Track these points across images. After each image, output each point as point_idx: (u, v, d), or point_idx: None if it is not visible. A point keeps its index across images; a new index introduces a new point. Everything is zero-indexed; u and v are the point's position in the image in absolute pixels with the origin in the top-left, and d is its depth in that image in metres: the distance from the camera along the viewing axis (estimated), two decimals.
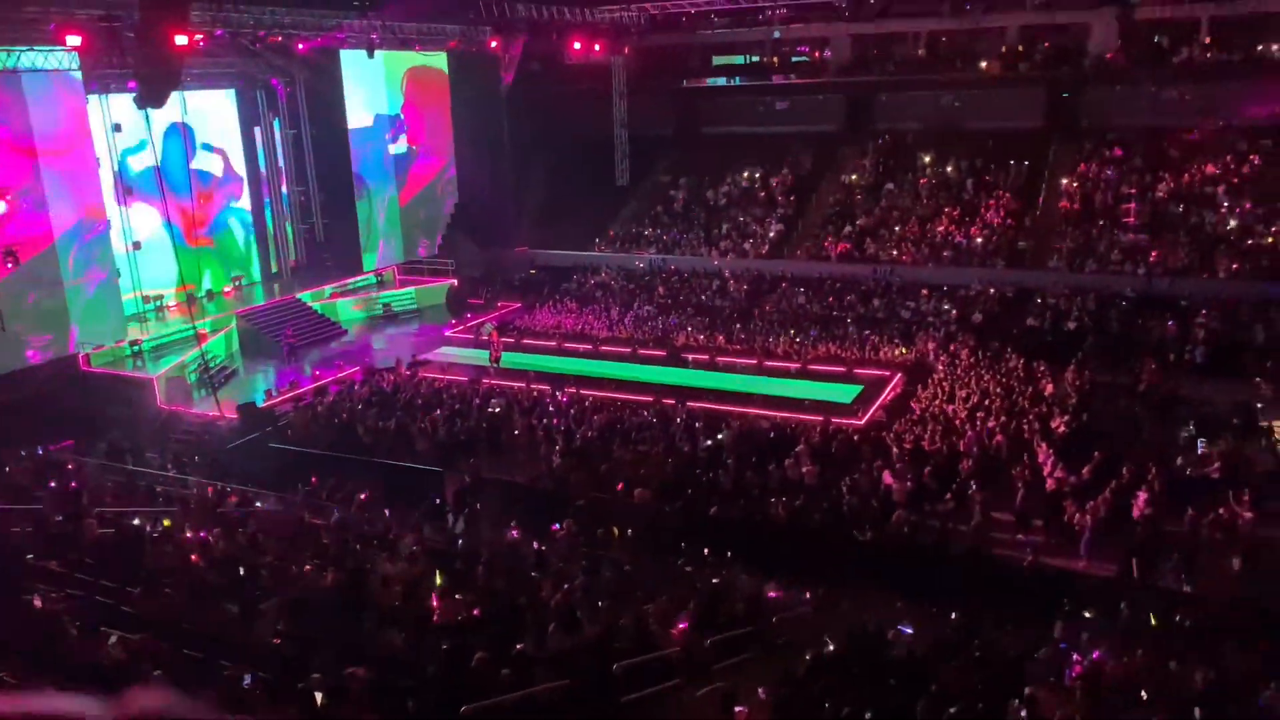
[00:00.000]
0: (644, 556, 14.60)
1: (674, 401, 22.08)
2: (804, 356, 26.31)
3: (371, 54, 30.21)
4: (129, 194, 27.49)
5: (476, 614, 10.84)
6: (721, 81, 40.20)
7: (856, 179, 35.07)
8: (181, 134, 30.36)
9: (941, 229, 31.45)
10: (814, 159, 36.77)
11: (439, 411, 21.58)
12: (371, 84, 33.45)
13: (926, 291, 29.14)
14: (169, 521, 14.21)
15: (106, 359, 25.82)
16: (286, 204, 34.87)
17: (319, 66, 32.10)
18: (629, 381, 24.91)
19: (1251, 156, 29.51)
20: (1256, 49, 31.63)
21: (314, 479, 17.87)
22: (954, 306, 28.17)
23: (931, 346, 25.91)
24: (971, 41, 36.09)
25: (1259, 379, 21.55)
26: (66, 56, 23.44)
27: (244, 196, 33.52)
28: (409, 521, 15.53)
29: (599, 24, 35.65)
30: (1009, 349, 24.69)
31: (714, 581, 13.51)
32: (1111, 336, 25.22)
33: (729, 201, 36.34)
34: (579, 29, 35.26)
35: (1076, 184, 31.28)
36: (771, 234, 34.01)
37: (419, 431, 20.73)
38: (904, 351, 25.99)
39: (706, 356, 27.18)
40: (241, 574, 11.92)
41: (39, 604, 10.01)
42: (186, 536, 13.40)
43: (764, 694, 9.22)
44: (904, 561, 14.65)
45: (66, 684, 7.99)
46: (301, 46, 29.37)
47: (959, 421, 19.98)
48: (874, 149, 35.83)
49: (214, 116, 31.99)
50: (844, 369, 25.33)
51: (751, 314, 30.11)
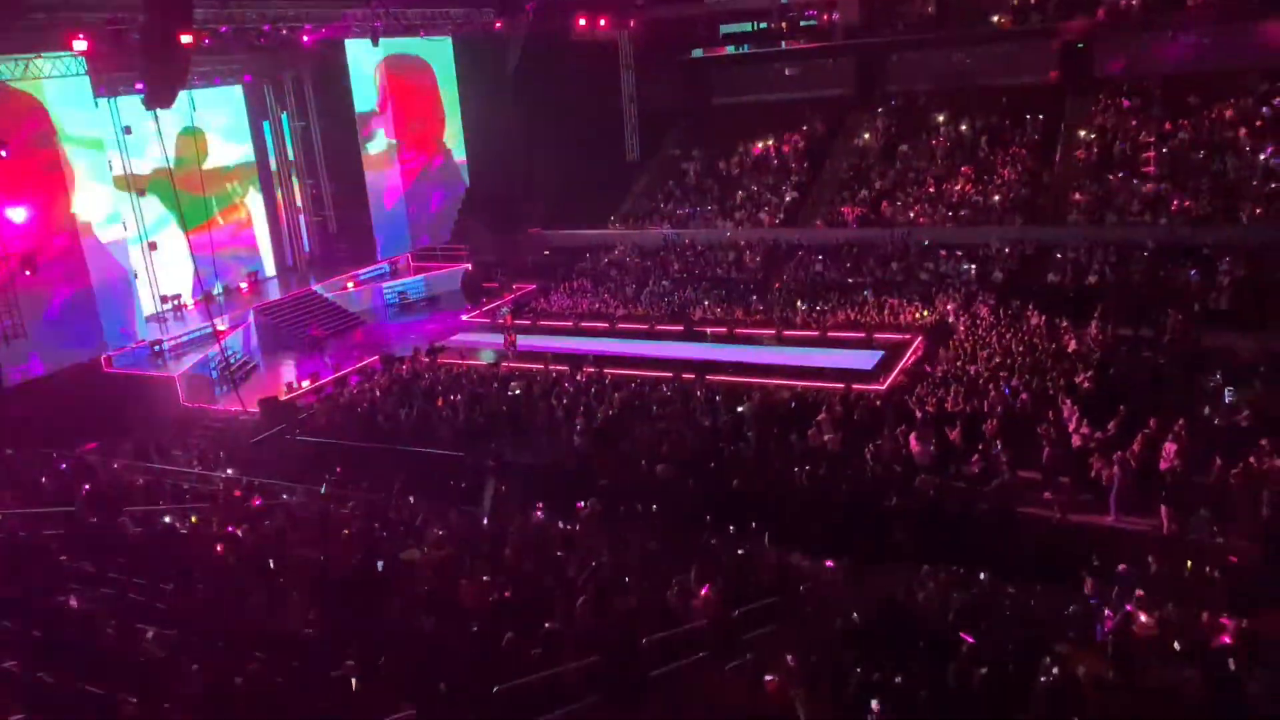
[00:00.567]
0: (669, 532, 14.62)
1: (693, 376, 22.03)
2: (823, 324, 26.15)
3: (376, 42, 30.13)
4: (142, 195, 27.61)
5: (505, 596, 10.90)
6: (730, 50, 39.77)
7: (869, 141, 34.68)
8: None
9: (958, 188, 31.09)
10: (826, 124, 36.38)
11: (458, 397, 21.65)
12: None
13: (945, 252, 28.84)
14: (196, 518, 14.37)
15: (128, 360, 26.09)
16: (298, 196, 34.97)
17: (325, 58, 32.08)
18: (647, 358, 24.88)
19: (1273, 99, 28.89)
20: None
21: (338, 469, 18.01)
22: (973, 266, 27.88)
23: (951, 307, 25.67)
24: None
25: None
26: (75, 62, 23.53)
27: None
28: (434, 507, 15.64)
29: None
30: (1030, 306, 24.41)
31: (739, 553, 13.52)
32: (1133, 289, 24.87)
33: (742, 171, 36.05)
34: (583, 5, 34.95)
35: (1094, 135, 30.78)
36: (787, 202, 33.75)
37: (440, 418, 20.82)
38: (924, 314, 25.76)
39: (724, 329, 27.09)
40: (270, 566, 12.05)
41: (75, 604, 10.16)
42: (214, 532, 13.54)
43: (793, 662, 9.22)
44: (930, 525, 14.58)
45: (106, 681, 8.13)
46: (306, 39, 29.34)
47: (982, 382, 19.81)
48: (886, 111, 35.40)
49: (222, 113, 32.06)
50: (864, 335, 25.16)
51: (769, 284, 29.93)
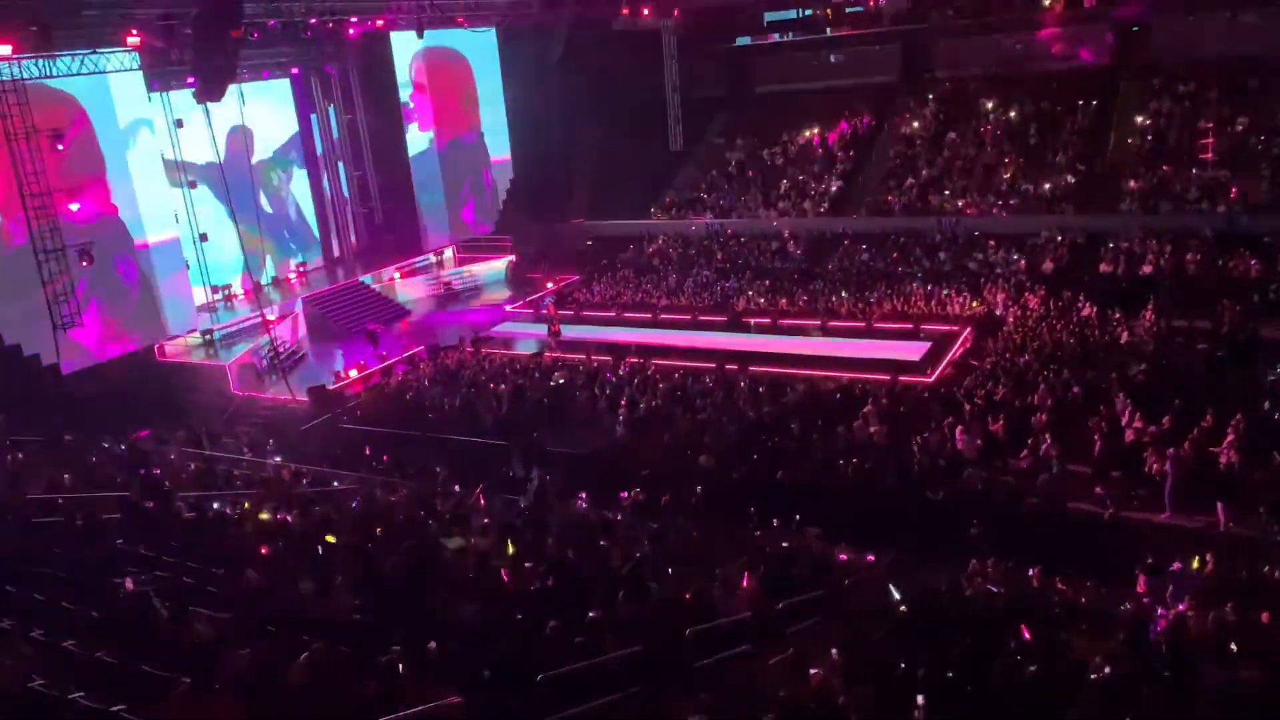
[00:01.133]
0: (712, 522, 14.59)
1: (736, 367, 21.94)
2: (869, 315, 25.88)
3: (421, 34, 30.30)
4: (193, 187, 28.08)
5: (549, 584, 10.95)
6: (775, 38, 39.41)
7: (918, 128, 34.20)
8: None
9: (1007, 176, 30.56)
10: (872, 112, 35.94)
11: (503, 387, 21.79)
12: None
13: (993, 242, 28.38)
14: (249, 504, 14.63)
15: (181, 349, 26.64)
16: (345, 188, 35.38)
17: (370, 50, 32.37)
18: (690, 349, 24.81)
19: None
20: None
21: (385, 457, 18.21)
22: (1023, 256, 27.40)
23: (1000, 298, 25.27)
24: None
25: None
26: (127, 57, 23.97)
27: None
28: (479, 495, 15.76)
29: None
30: (1081, 297, 23.95)
31: (783, 545, 13.44)
32: (1189, 279, 24.28)
33: (786, 160, 35.75)
34: None
35: (1149, 121, 30.06)
36: (832, 191, 33.42)
37: (484, 407, 20.97)
38: (974, 305, 25.39)
39: (768, 320, 26.92)
40: (319, 551, 12.23)
41: (130, 586, 10.38)
42: (264, 518, 13.77)
43: (837, 656, 9.14)
44: (978, 519, 14.37)
45: (159, 661, 8.30)
46: (352, 31, 29.62)
47: (1032, 374, 19.48)
48: (934, 98, 34.88)
49: (271, 106, 32.50)
50: (911, 325, 24.87)
51: (813, 274, 29.69)
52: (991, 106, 33.30)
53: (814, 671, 8.83)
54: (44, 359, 22.43)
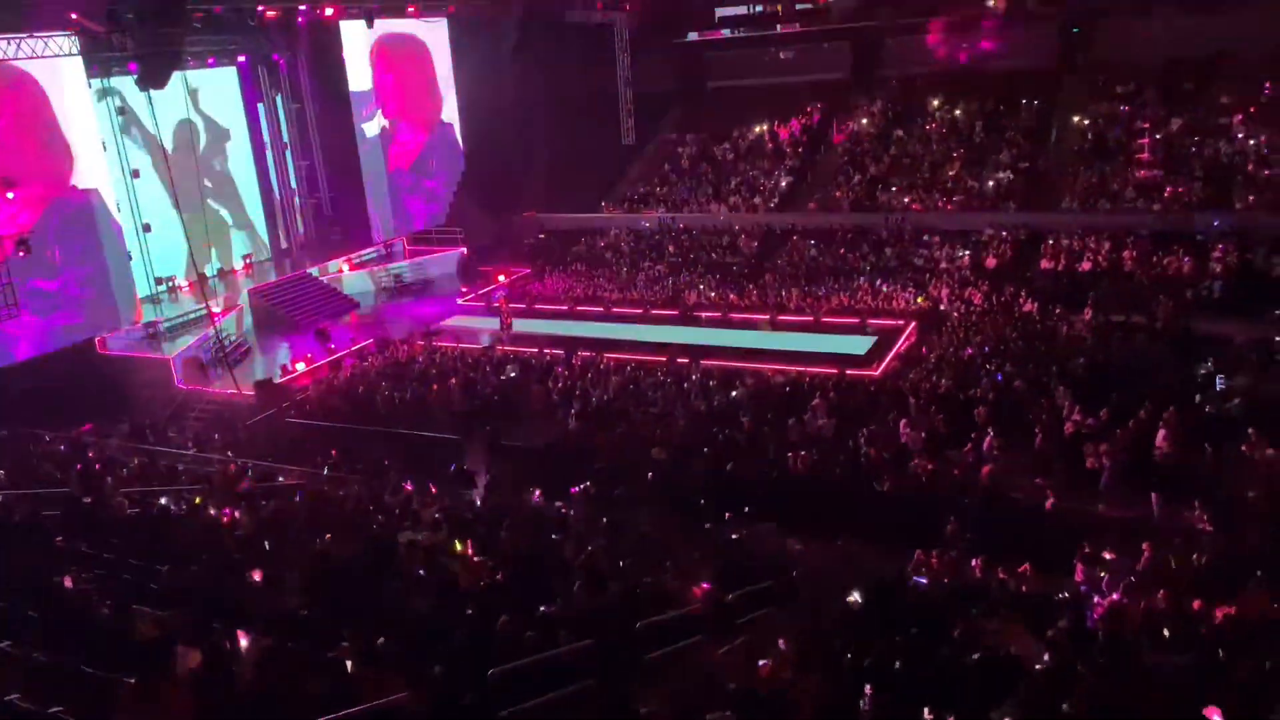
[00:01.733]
0: (664, 515, 14.67)
1: (688, 360, 22.07)
2: (817, 310, 26.18)
3: (371, 24, 29.95)
4: (136, 176, 27.41)
5: (500, 578, 10.95)
6: (726, 33, 39.58)
7: (865, 125, 34.62)
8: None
9: (952, 174, 31.09)
10: (822, 108, 36.30)
11: (454, 380, 21.66)
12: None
13: (938, 238, 28.88)
14: (199, 499, 14.38)
15: (122, 342, 26.03)
16: (293, 178, 34.82)
17: (319, 39, 31.87)
18: (642, 342, 24.90)
19: (1266, 85, 28.88)
20: None
21: (334, 452, 18.01)
22: (967, 252, 27.93)
23: (945, 293, 25.72)
24: None
25: (1279, 313, 21.30)
26: (68, 42, 23.32)
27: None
28: (430, 489, 15.67)
29: None
30: (1023, 292, 24.48)
31: (734, 538, 13.57)
32: (1127, 276, 24.95)
33: (737, 156, 35.98)
34: None
35: (1088, 122, 30.78)
36: (782, 186, 33.71)
37: (435, 401, 20.83)
38: (919, 300, 25.82)
39: (719, 314, 27.11)
40: (266, 547, 12.07)
41: (70, 584, 10.18)
42: (210, 513, 13.56)
43: (785, 646, 9.28)
44: (922, 510, 14.65)
45: (100, 661, 8.16)
46: (301, 20, 29.14)
47: (975, 368, 19.87)
48: (882, 95, 35.33)
49: (216, 94, 31.85)
50: (858, 320, 25.22)
51: (763, 269, 29.95)
52: (938, 104, 33.84)
53: (764, 662, 8.96)
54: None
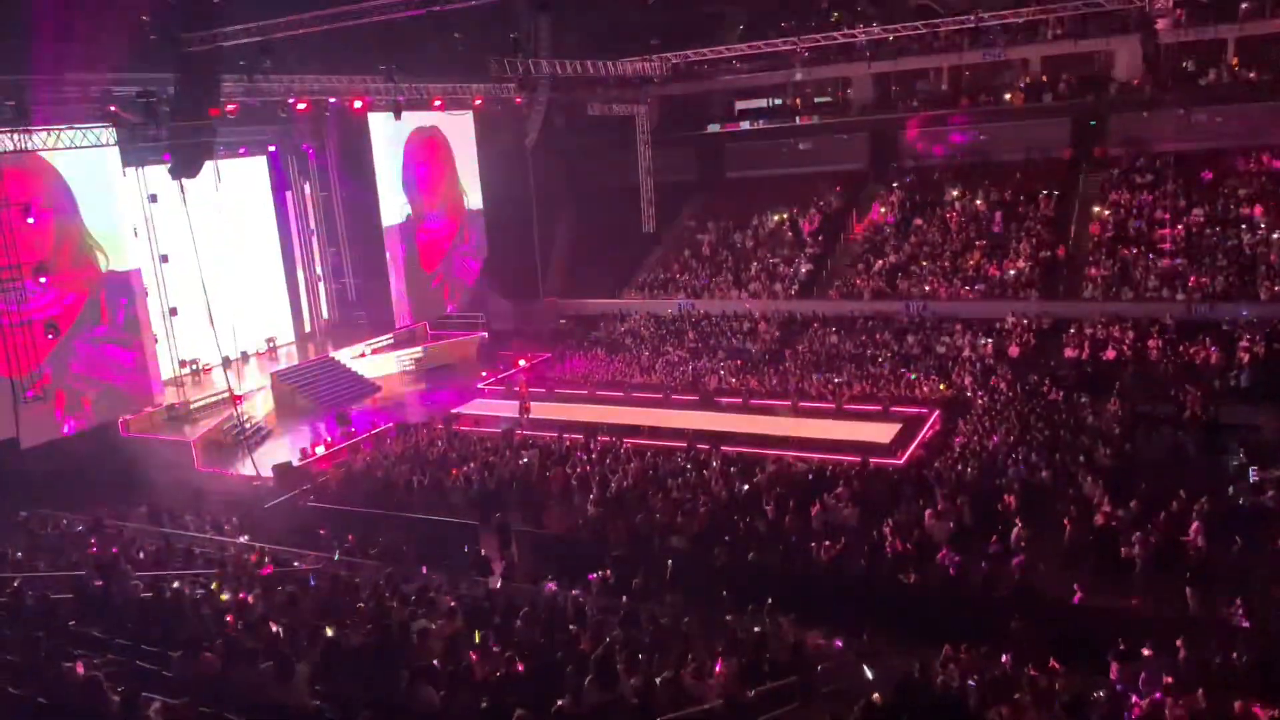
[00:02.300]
0: (683, 605, 14.36)
1: (708, 446, 21.91)
2: (839, 397, 26.05)
3: (398, 116, 30.81)
4: (165, 261, 27.95)
5: (516, 669, 10.69)
6: (745, 125, 40.47)
7: (885, 213, 34.99)
8: None
9: (973, 263, 31.23)
10: (841, 198, 36.79)
11: (472, 465, 21.58)
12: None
13: (960, 326, 28.86)
14: (216, 584, 14.24)
15: (144, 424, 26.20)
16: (318, 264, 35.46)
17: (348, 129, 32.80)
18: (662, 428, 24.78)
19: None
20: None
21: (350, 537, 17.87)
22: (989, 340, 27.85)
23: (969, 381, 25.57)
24: (994, 74, 36.16)
25: None
26: (105, 133, 24.09)
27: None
28: (446, 576, 15.46)
29: (622, 76, 36.14)
30: (1047, 381, 24.29)
31: (756, 630, 13.23)
32: (1152, 365, 24.75)
33: (757, 243, 36.37)
34: (602, 81, 35.76)
35: (1108, 212, 30.98)
36: (802, 274, 33.95)
37: (453, 486, 20.73)
38: (943, 388, 25.66)
39: (739, 400, 27.01)
40: (279, 634, 11.87)
41: (81, 670, 10.01)
42: (224, 598, 13.39)
43: None
44: (950, 604, 14.28)
45: None
46: (329, 113, 30.06)
47: (1000, 457, 19.61)
48: (901, 185, 35.82)
49: (246, 181, 32.71)
50: (880, 407, 25.04)
51: (784, 355, 29.96)
52: (957, 194, 34.22)
53: None
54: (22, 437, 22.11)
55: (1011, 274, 30.21)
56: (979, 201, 33.55)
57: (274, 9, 22.12)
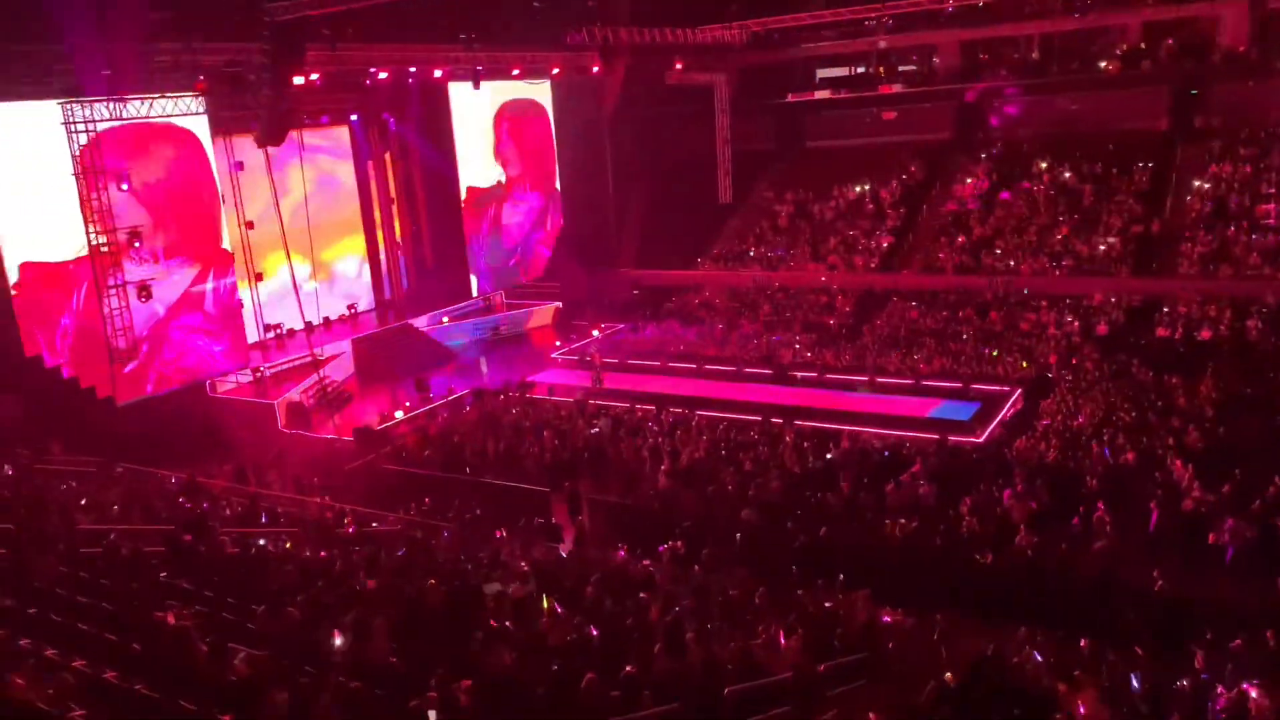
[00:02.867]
0: (753, 579, 14.33)
1: (781, 421, 21.74)
2: (917, 373, 25.58)
3: (477, 85, 30.98)
4: (251, 228, 28.68)
5: (593, 633, 10.80)
6: (826, 94, 39.71)
7: (969, 187, 34.04)
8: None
9: (1060, 237, 30.23)
10: (924, 169, 35.90)
11: (545, 433, 21.79)
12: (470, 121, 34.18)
13: (1046, 303, 28.01)
14: (290, 543, 14.68)
15: (230, 386, 27.10)
16: (398, 232, 36.01)
17: (429, 99, 33.13)
18: (735, 401, 24.66)
19: None
20: None
21: (426, 500, 18.24)
22: (1076, 318, 26.98)
23: (1053, 360, 24.85)
24: (1089, 41, 34.76)
25: None
26: (195, 102, 24.75)
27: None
28: (519, 541, 15.69)
29: (701, 44, 35.72)
30: (1137, 361, 23.46)
31: (827, 605, 13.14)
32: (1251, 346, 23.70)
33: (836, 215, 35.76)
34: (680, 50, 35.40)
35: (1208, 185, 29.63)
36: (882, 247, 33.30)
37: (526, 453, 20.97)
38: (1024, 366, 24.99)
39: (814, 374, 26.71)
40: (358, 592, 12.18)
41: (171, 620, 10.42)
42: (305, 555, 13.80)
43: None
44: (1027, 586, 13.97)
45: (197, 699, 8.27)
46: (411, 81, 30.37)
47: (1084, 438, 19.04)
48: (987, 157, 34.77)
49: (329, 150, 33.33)
50: (960, 385, 24.51)
51: (861, 330, 29.49)
52: (1045, 166, 33.09)
53: None
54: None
55: (1101, 249, 29.17)
56: (1068, 174, 32.39)
57: None
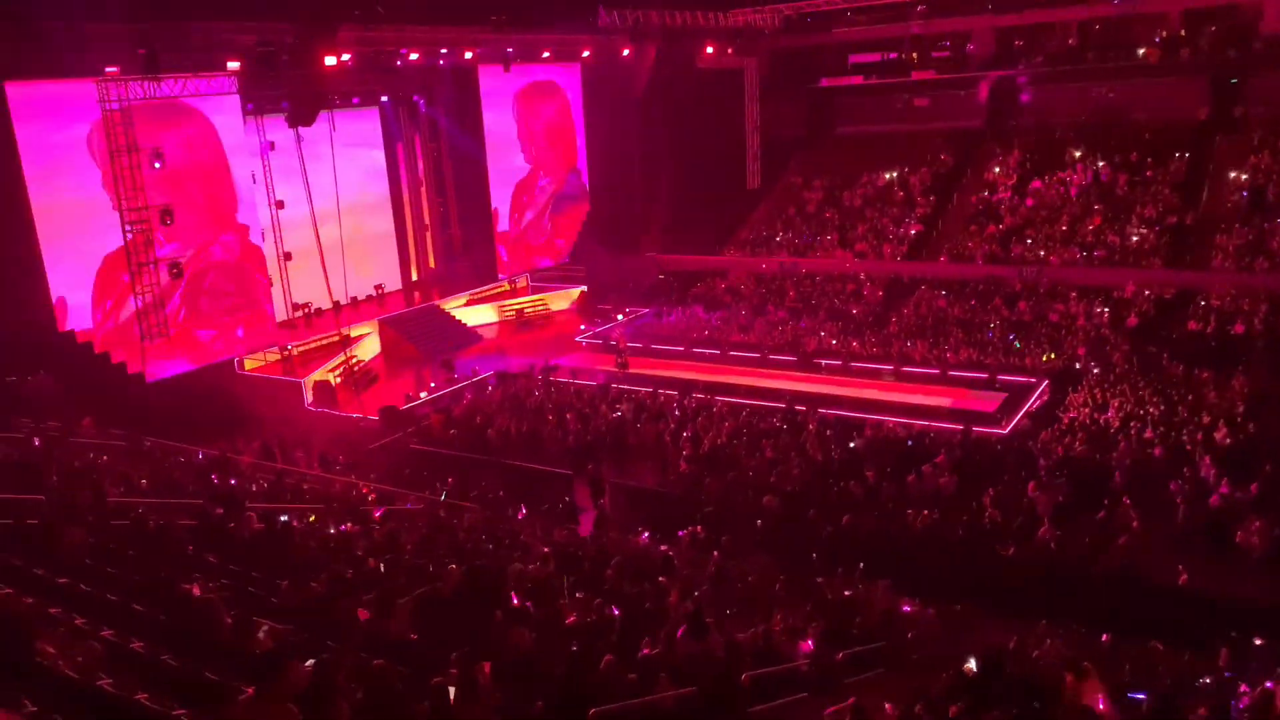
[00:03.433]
0: (773, 565, 14.35)
1: (805, 408, 21.68)
2: (944, 363, 25.40)
3: (508, 68, 30.98)
4: (280, 207, 28.90)
5: (614, 613, 10.86)
6: (858, 80, 39.30)
7: (1001, 175, 33.66)
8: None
9: (1092, 227, 29.84)
10: (955, 157, 35.51)
11: (568, 416, 21.87)
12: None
13: (1075, 294, 27.68)
14: (314, 518, 14.85)
15: (258, 364, 27.42)
16: (426, 214, 36.14)
17: (459, 81, 33.16)
18: (759, 388, 24.61)
19: None
20: None
21: (449, 480, 18.38)
22: (1107, 309, 26.66)
23: (1082, 352, 24.58)
24: (1126, 28, 34.16)
25: None
26: (227, 81, 24.93)
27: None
28: (540, 522, 15.80)
29: (732, 27, 35.48)
30: (1167, 354, 23.16)
31: (846, 594, 13.15)
32: None
33: (864, 202, 35.48)
34: (711, 33, 35.19)
35: (1246, 176, 29.11)
36: (911, 235, 33.03)
37: (549, 435, 21.06)
38: (1052, 357, 24.75)
39: (839, 362, 26.60)
40: (381, 569, 12.32)
41: (197, 592, 10.58)
42: (330, 532, 13.96)
43: (891, 711, 8.87)
44: (1049, 579, 13.90)
45: (222, 670, 8.41)
46: (441, 63, 30.41)
47: (1111, 431, 18.85)
48: (1020, 145, 34.34)
49: (359, 131, 33.48)
50: (987, 375, 24.33)
51: (888, 318, 29.30)
52: (1079, 155, 32.63)
53: None
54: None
55: (1134, 240, 28.76)
56: (1102, 163, 31.91)
57: None
